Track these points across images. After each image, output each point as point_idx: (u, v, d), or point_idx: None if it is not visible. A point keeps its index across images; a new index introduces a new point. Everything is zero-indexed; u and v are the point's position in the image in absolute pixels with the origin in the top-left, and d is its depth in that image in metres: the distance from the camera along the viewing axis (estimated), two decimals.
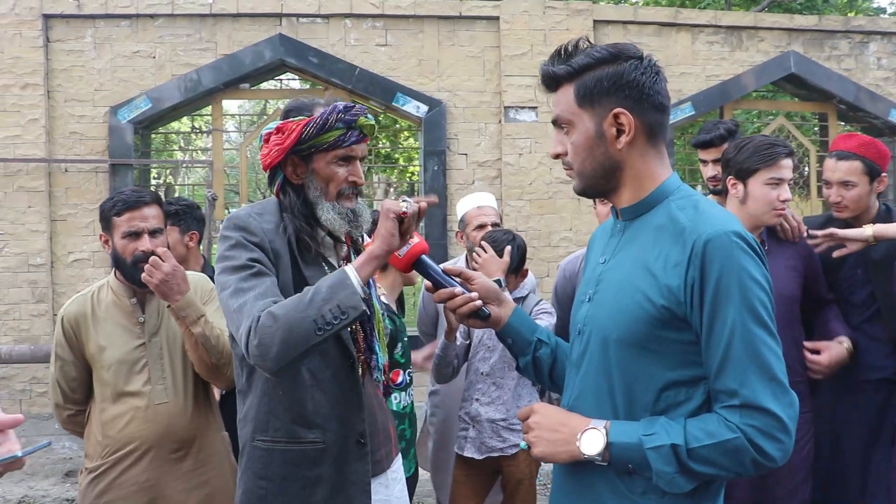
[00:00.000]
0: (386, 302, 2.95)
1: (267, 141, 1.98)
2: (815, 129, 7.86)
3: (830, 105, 7.41)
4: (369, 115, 2.00)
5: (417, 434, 3.41)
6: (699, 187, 12.54)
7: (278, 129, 1.96)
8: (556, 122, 1.62)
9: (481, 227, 3.58)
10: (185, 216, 3.64)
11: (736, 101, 7.21)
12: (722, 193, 3.79)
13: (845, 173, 3.01)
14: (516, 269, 3.16)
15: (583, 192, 1.64)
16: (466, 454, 3.23)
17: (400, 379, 2.98)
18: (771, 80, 7.16)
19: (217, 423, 2.80)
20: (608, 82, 1.53)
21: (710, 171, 3.76)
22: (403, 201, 1.83)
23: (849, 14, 12.58)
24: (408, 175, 11.91)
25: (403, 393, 3.06)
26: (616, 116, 1.53)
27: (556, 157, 1.64)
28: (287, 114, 1.99)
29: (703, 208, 1.50)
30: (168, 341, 2.69)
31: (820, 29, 7.18)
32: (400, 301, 3.47)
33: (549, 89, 1.63)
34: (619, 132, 1.54)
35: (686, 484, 1.44)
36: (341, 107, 1.95)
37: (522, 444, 1.61)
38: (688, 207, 1.51)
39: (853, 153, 3.03)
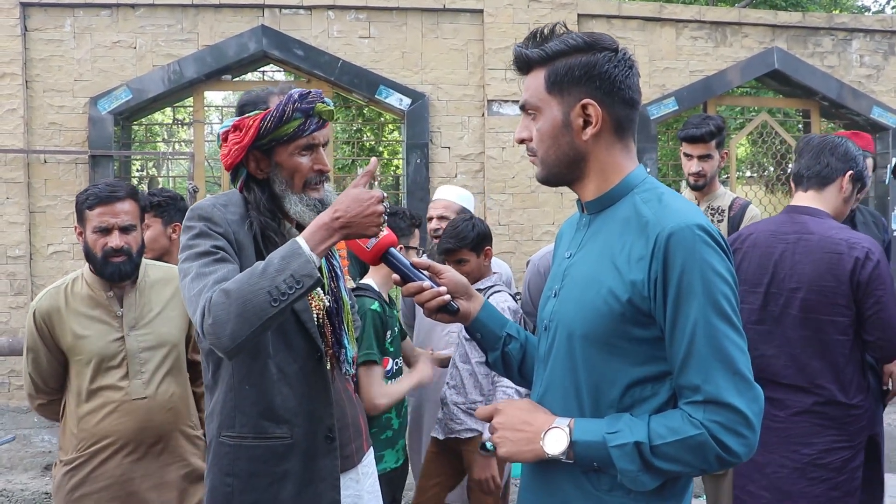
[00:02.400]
0: (378, 291, 2.96)
1: (225, 139, 1.93)
2: (800, 126, 7.88)
3: (813, 102, 7.44)
4: (327, 100, 1.95)
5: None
6: (684, 183, 12.57)
7: (235, 127, 1.90)
8: (524, 108, 1.59)
9: (429, 219, 3.70)
10: (168, 208, 3.60)
11: (719, 96, 7.24)
12: (702, 189, 3.81)
13: None
14: (476, 248, 3.20)
15: (545, 180, 1.61)
16: (433, 434, 3.33)
17: (388, 367, 2.98)
18: (754, 76, 7.19)
19: (194, 419, 2.78)
20: (580, 71, 1.50)
21: (694, 166, 3.74)
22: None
23: (833, 11, 12.63)
24: (392, 169, 11.87)
25: (392, 381, 3.07)
26: (584, 107, 1.51)
27: (521, 141, 1.62)
28: (242, 109, 1.94)
29: (668, 201, 1.48)
30: (147, 335, 2.67)
31: (804, 26, 7.21)
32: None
33: (520, 72, 1.60)
34: (586, 123, 1.52)
35: (650, 482, 1.42)
36: (297, 95, 1.89)
37: (489, 444, 1.59)
38: (652, 200, 1.49)
39: None
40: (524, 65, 1.59)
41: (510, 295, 3.34)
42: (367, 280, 3.03)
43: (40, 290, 6.15)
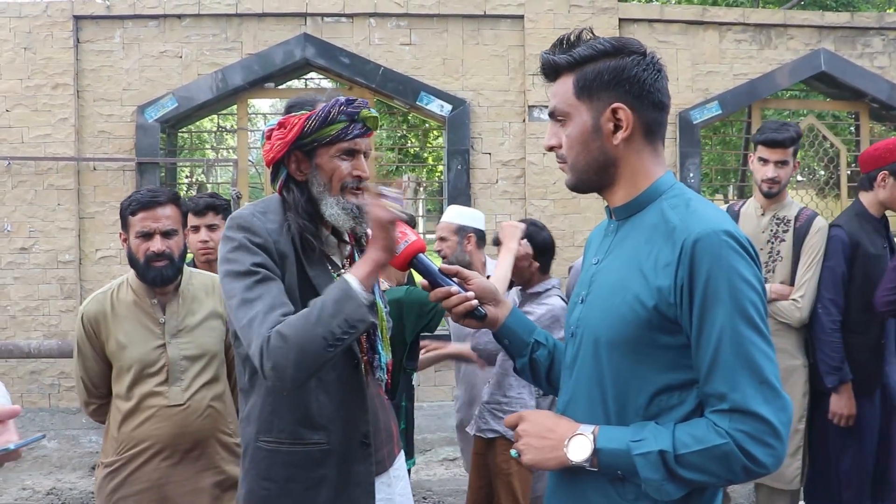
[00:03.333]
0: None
1: (269, 137, 1.97)
2: (851, 129, 7.69)
3: (862, 104, 7.27)
4: (372, 109, 1.98)
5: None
6: (731, 189, 12.36)
7: (280, 124, 1.94)
8: (553, 114, 1.59)
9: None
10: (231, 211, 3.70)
11: (764, 100, 7.10)
12: (774, 196, 3.68)
13: None
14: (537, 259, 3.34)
15: (575, 187, 1.60)
16: (467, 429, 3.49)
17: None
18: (800, 78, 7.04)
19: (233, 426, 2.82)
20: (609, 76, 1.50)
21: (770, 171, 3.57)
22: (384, 195, 1.84)
23: (887, 10, 12.32)
24: (437, 175, 11.92)
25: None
26: (614, 111, 1.50)
27: (550, 149, 1.61)
28: (289, 109, 1.98)
29: (695, 207, 1.46)
30: (188, 344, 2.72)
31: (852, 26, 7.04)
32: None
33: (548, 78, 1.61)
34: (617, 127, 1.51)
35: (675, 491, 1.40)
36: (343, 100, 1.93)
37: (513, 452, 1.59)
38: (680, 206, 1.48)
39: None
40: (552, 71, 1.59)
41: (562, 299, 3.37)
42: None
43: (89, 294, 6.29)
